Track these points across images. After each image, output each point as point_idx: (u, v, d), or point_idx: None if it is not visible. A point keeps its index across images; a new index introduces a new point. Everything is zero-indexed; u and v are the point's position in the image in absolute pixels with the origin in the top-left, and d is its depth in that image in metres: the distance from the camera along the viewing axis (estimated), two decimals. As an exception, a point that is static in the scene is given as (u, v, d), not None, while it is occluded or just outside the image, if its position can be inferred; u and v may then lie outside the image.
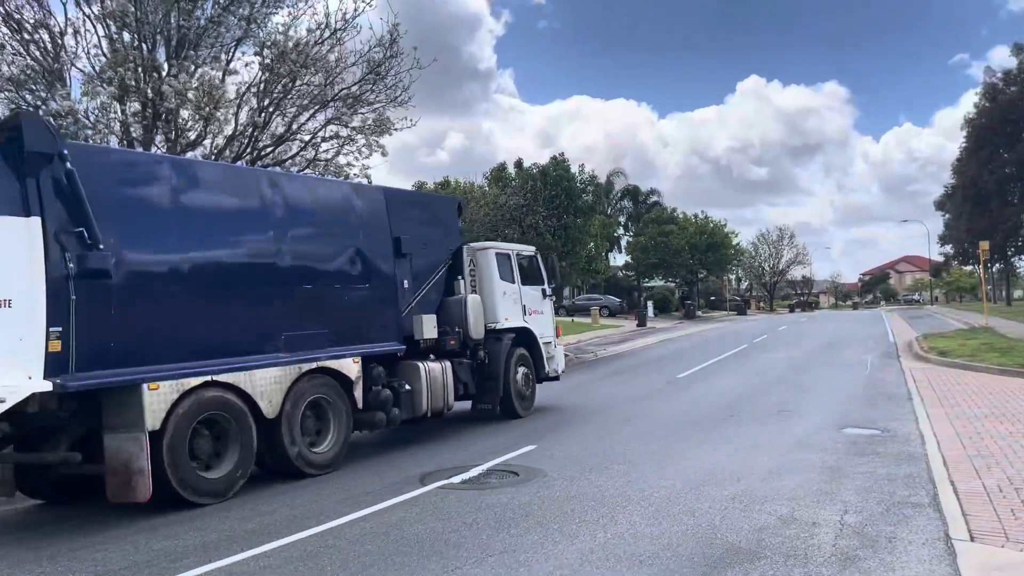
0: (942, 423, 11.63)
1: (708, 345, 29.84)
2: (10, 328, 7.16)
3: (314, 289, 10.20)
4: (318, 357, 10.01)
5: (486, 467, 9.55)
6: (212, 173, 9.84)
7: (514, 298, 14.23)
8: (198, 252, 8.90)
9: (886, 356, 22.98)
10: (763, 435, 11.05)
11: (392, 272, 11.56)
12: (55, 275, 7.45)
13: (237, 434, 8.91)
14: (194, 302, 8.79)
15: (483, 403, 13.43)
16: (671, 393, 16.17)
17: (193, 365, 8.56)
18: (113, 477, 7.94)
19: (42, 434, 8.32)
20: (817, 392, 15.41)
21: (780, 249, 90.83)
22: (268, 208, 9.79)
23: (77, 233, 7.67)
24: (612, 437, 11.35)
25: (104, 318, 7.87)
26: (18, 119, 7.77)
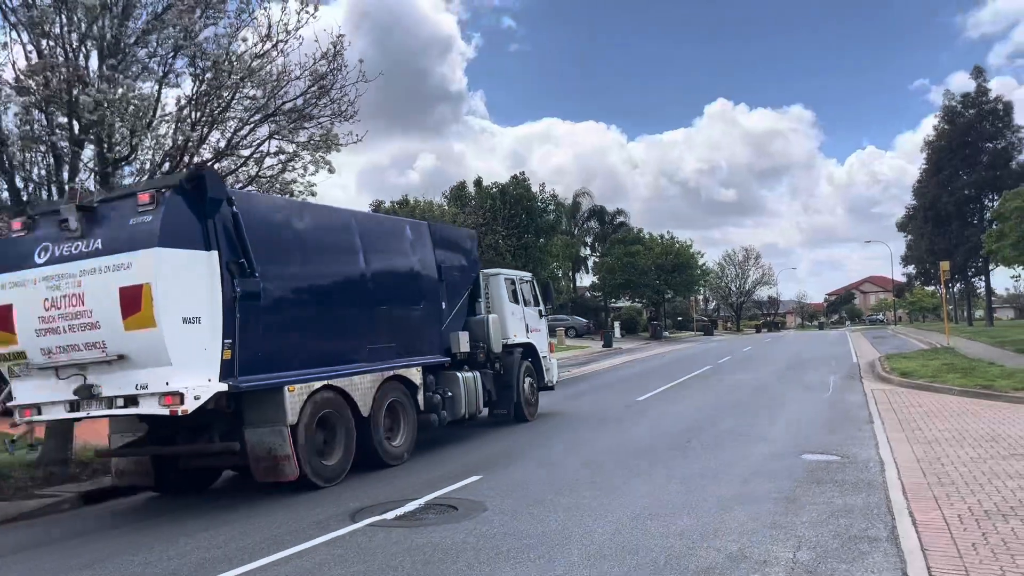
0: (902, 448, 11.28)
1: (672, 366, 29.51)
2: (199, 340, 8.85)
3: (387, 308, 12.09)
4: (395, 366, 11.99)
5: (425, 500, 8.99)
6: (318, 212, 11.63)
7: (519, 317, 16.27)
8: (314, 277, 10.81)
9: (849, 377, 22.75)
10: (719, 462, 10.60)
11: (438, 294, 13.50)
12: (227, 297, 9.12)
13: (343, 429, 10.79)
14: (312, 319, 10.60)
15: (500, 409, 15.36)
16: (629, 417, 15.70)
17: (314, 371, 10.40)
18: (258, 463, 9.75)
19: (186, 429, 10.12)
20: (778, 415, 15.04)
21: (746, 270, 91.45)
22: (355, 240, 11.68)
23: (240, 264, 9.36)
24: (562, 466, 10.84)
25: (256, 332, 9.52)
26: (202, 171, 9.33)
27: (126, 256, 8.66)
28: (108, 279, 8.71)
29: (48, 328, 9.05)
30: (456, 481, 10.03)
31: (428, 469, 11.25)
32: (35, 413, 9.48)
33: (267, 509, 9.33)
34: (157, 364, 8.64)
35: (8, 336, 9.31)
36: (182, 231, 8.91)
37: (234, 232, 9.44)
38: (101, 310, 8.74)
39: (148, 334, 8.53)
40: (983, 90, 61.64)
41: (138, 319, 8.54)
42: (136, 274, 8.58)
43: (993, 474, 9.33)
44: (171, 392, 8.61)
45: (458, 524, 7.85)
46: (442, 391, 13.28)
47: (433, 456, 12.37)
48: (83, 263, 8.92)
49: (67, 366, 9.07)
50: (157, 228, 8.65)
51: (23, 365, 9.33)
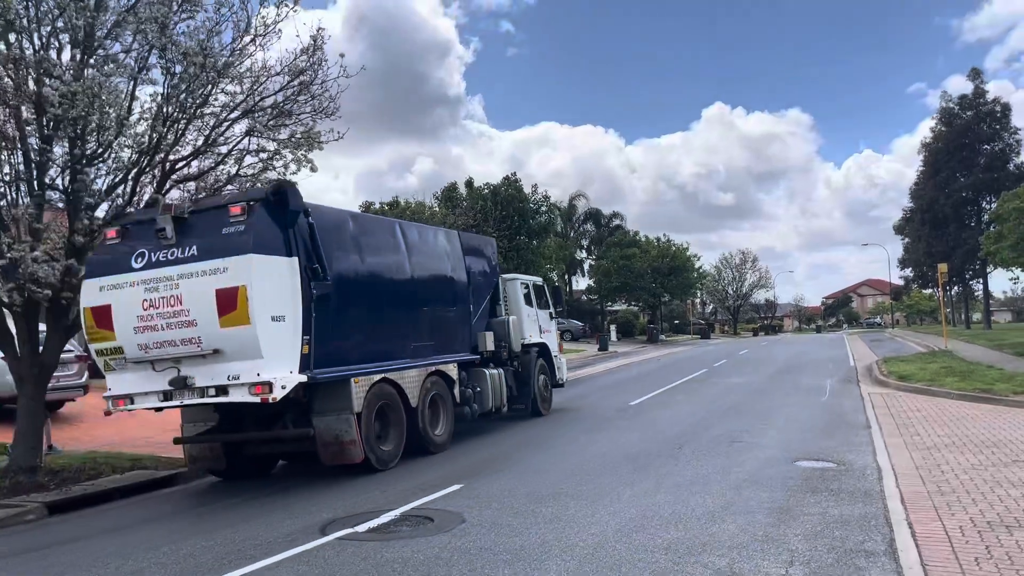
0: (901, 454, 10.90)
1: (667, 370, 29.11)
2: (284, 336, 9.87)
3: (427, 310, 13.19)
4: (436, 362, 13.14)
5: (401, 511, 8.57)
6: (370, 222, 13.21)
7: (533, 319, 17.45)
8: (370, 281, 11.89)
9: (846, 381, 22.38)
10: (711, 470, 10.20)
11: (467, 298, 14.59)
12: (305, 298, 10.15)
13: (396, 418, 11.89)
14: (369, 318, 11.66)
15: (519, 404, 16.36)
16: (622, 422, 15.30)
17: (372, 366, 11.52)
18: (326, 448, 10.80)
19: (261, 418, 11.26)
20: (773, 420, 14.65)
21: (743, 273, 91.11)
22: (400, 246, 12.79)
23: (315, 268, 10.40)
24: (549, 473, 10.43)
25: (327, 330, 10.51)
26: (284, 186, 10.41)
27: (222, 261, 9.68)
28: (205, 282, 9.70)
29: (146, 326, 10.01)
30: (437, 490, 9.62)
31: (411, 476, 10.85)
32: (128, 403, 10.42)
33: (243, 517, 8.96)
34: (249, 357, 9.63)
35: (107, 333, 10.29)
36: (269, 239, 9.97)
37: (309, 240, 10.50)
38: (198, 309, 9.72)
39: (243, 331, 9.55)
40: (980, 92, 61.45)
41: (233, 317, 9.55)
42: (232, 277, 9.58)
43: (995, 482, 8.95)
44: (262, 382, 9.61)
45: (432, 538, 7.44)
46: (472, 386, 14.38)
47: (418, 462, 11.96)
48: (180, 268, 9.92)
49: (162, 360, 10.02)
50: (251, 237, 9.74)
51: (120, 359, 10.29)
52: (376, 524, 8.06)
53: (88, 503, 10.73)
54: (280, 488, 10.95)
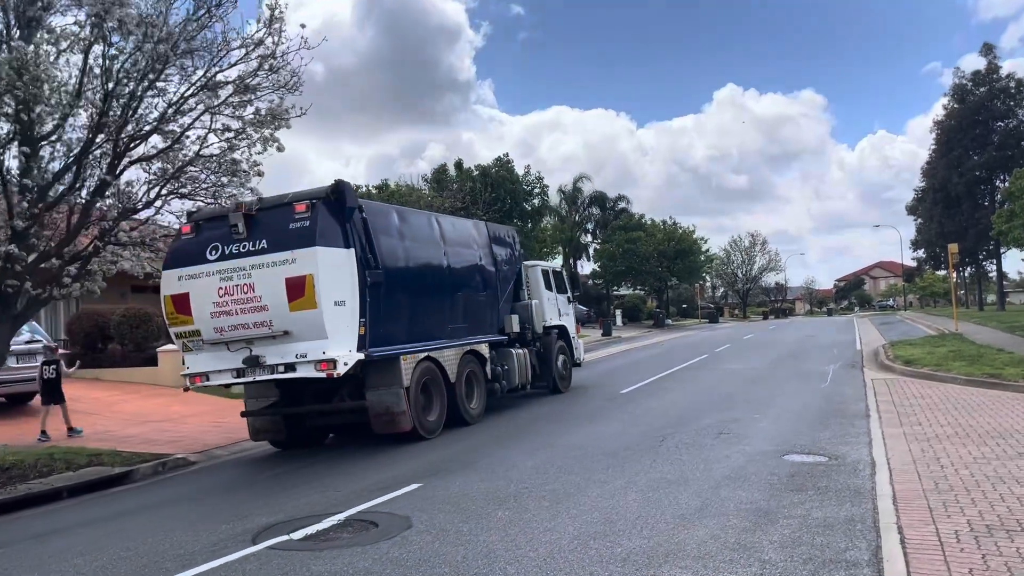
0: (898, 446, 10.18)
1: (667, 356, 28.37)
2: (344, 319, 11.00)
3: (461, 295, 14.40)
4: (470, 342, 14.43)
5: (348, 514, 7.91)
6: (411, 215, 14.26)
7: (553, 303, 18.63)
8: (414, 269, 13.02)
9: (850, 366, 21.58)
10: (692, 465, 9.50)
11: (495, 283, 15.83)
12: (361, 285, 11.30)
13: (438, 392, 13.13)
14: (413, 302, 12.79)
15: (541, 382, 17.58)
16: (608, 412, 14.59)
17: (417, 345, 12.65)
18: (378, 418, 11.98)
19: (318, 393, 12.58)
20: (767, 409, 13.91)
21: (752, 255, 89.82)
22: (437, 237, 14.03)
23: (368, 258, 11.55)
24: (517, 469, 9.75)
25: (379, 313, 11.63)
26: (342, 185, 11.52)
27: (290, 253, 10.80)
28: (275, 271, 10.82)
29: (222, 311, 11.14)
30: (393, 490, 8.96)
31: (373, 472, 10.22)
32: (204, 380, 11.60)
33: (183, 520, 8.33)
34: (316, 338, 10.75)
35: (186, 318, 11.43)
36: (330, 233, 11.04)
37: (363, 233, 11.61)
38: (269, 296, 10.83)
39: (310, 314, 10.66)
40: (994, 68, 59.94)
41: (302, 303, 10.66)
42: (300, 267, 10.69)
43: (998, 478, 8.22)
44: (327, 359, 10.73)
45: (370, 547, 6.76)
46: (501, 364, 15.68)
47: (386, 456, 11.36)
48: (252, 259, 11.04)
49: (236, 341, 11.15)
50: (315, 231, 10.83)
51: (197, 341, 11.44)
52: (315, 530, 7.40)
53: (33, 503, 10.16)
54: (245, 483, 10.38)
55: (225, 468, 12.15)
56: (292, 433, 13.04)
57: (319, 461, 11.74)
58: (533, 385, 17.34)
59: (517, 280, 17.42)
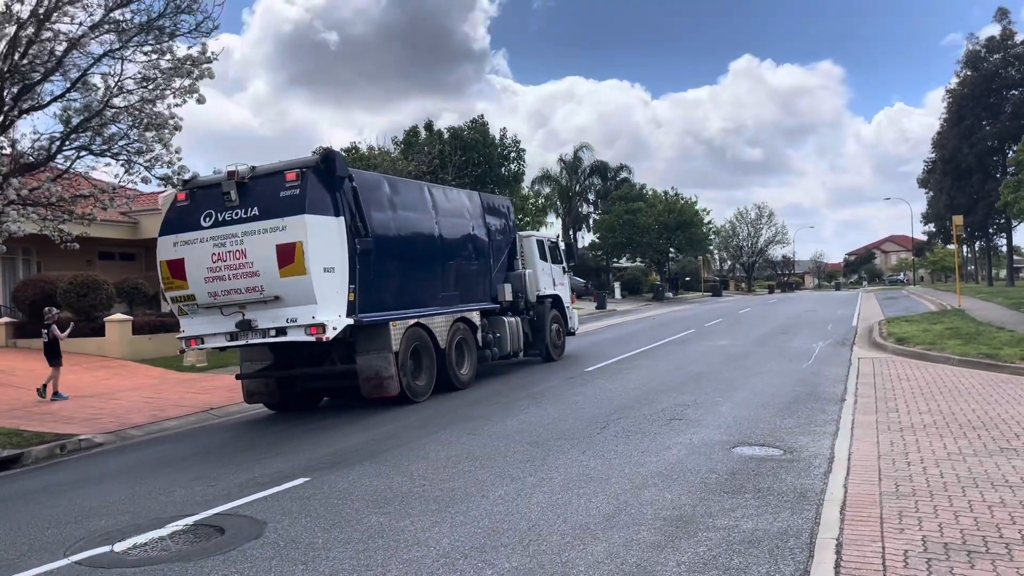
0: (867, 437, 9.01)
1: (653, 331, 27.15)
2: (334, 285, 11.29)
3: (453, 263, 14.70)
4: (461, 310, 14.74)
5: (197, 518, 6.79)
6: (403, 185, 14.51)
7: (548, 273, 18.90)
8: (404, 237, 13.27)
9: (840, 344, 20.33)
10: (624, 458, 8.35)
11: (488, 252, 16.13)
12: (350, 252, 11.60)
13: (428, 358, 13.44)
14: (404, 270, 13.09)
15: (533, 350, 17.98)
16: (560, 393, 13.44)
17: (406, 312, 12.99)
18: (367, 382, 12.30)
19: (305, 358, 12.81)
20: (735, 391, 12.73)
21: (759, 228, 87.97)
22: (429, 207, 14.29)
23: (357, 227, 11.83)
24: (423, 462, 8.61)
25: (369, 280, 11.96)
26: (332, 154, 11.81)
27: (281, 220, 11.06)
28: (266, 238, 11.09)
29: (215, 276, 11.44)
30: (276, 484, 7.87)
31: (278, 458, 9.16)
32: (199, 343, 11.94)
33: (9, 523, 7.21)
34: (305, 303, 11.06)
35: (181, 283, 11.73)
36: (320, 201, 11.31)
37: (353, 202, 11.88)
38: (260, 262, 11.11)
39: (300, 280, 10.97)
40: (1009, 33, 57.68)
41: (292, 269, 10.93)
42: (290, 234, 10.96)
43: (971, 480, 7.06)
44: (316, 324, 11.05)
45: (194, 563, 5.63)
46: (493, 332, 16.00)
47: (319, 435, 10.45)
48: (244, 226, 11.32)
49: (229, 305, 11.45)
50: (305, 199, 11.10)
51: (192, 305, 11.74)
52: (148, 539, 6.27)
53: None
54: (129, 472, 9.30)
55: (127, 452, 11.08)
56: (285, 396, 13.34)
57: (245, 439, 10.89)
58: (526, 353, 17.74)
59: (511, 250, 17.65)
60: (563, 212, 65.08)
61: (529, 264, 18.26)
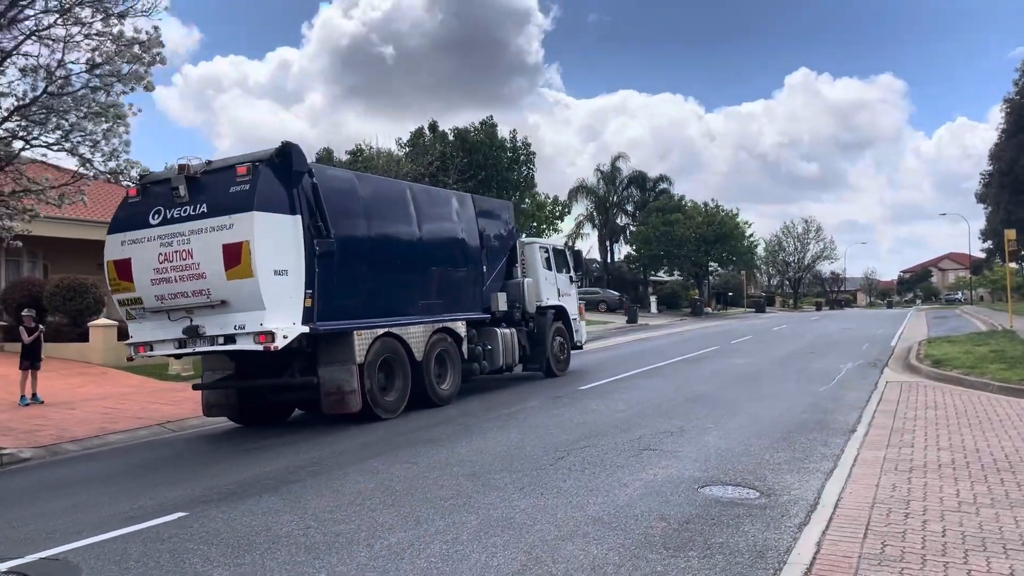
0: (866, 479, 7.61)
1: (674, 347, 25.64)
2: (286, 289, 10.40)
3: (437, 269, 13.66)
4: (443, 319, 13.65)
5: (22, 561, 5.70)
6: (379, 184, 13.70)
7: (552, 282, 17.72)
8: (377, 240, 12.26)
9: (871, 365, 18.64)
10: (567, 497, 7.07)
11: (479, 259, 15.02)
12: (308, 254, 10.64)
13: (400, 370, 12.42)
14: (375, 275, 12.09)
15: (533, 364, 16.80)
16: (536, 414, 12.16)
17: (377, 321, 11.99)
18: (328, 396, 11.29)
19: (267, 367, 11.68)
20: (732, 417, 11.32)
21: (806, 242, 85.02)
22: (410, 208, 13.22)
23: (317, 226, 10.86)
24: (325, 499, 7.42)
25: (330, 285, 11.01)
26: (289, 147, 10.77)
27: (228, 218, 10.15)
28: (213, 237, 10.20)
29: (162, 278, 10.59)
30: (143, 519, 6.81)
31: (168, 487, 8.07)
32: (148, 350, 11.10)
33: None
34: (253, 308, 10.16)
35: (128, 285, 10.93)
36: (273, 198, 10.43)
37: (313, 199, 10.95)
38: (207, 263, 10.24)
39: (247, 283, 10.06)
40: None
41: (238, 271, 10.04)
42: (237, 233, 10.05)
43: (979, 540, 5.69)
44: (265, 331, 10.14)
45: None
46: (483, 344, 14.97)
47: (229, 460, 9.30)
48: (191, 224, 10.46)
49: (177, 309, 10.60)
50: (254, 195, 10.19)
51: (140, 309, 10.93)
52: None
53: None
54: (12, 499, 8.32)
55: (43, 469, 10.15)
56: (247, 409, 12.49)
57: (171, 459, 9.93)
58: (526, 367, 16.83)
59: (511, 257, 16.70)
60: (600, 223, 63.66)
61: (530, 272, 17.18)
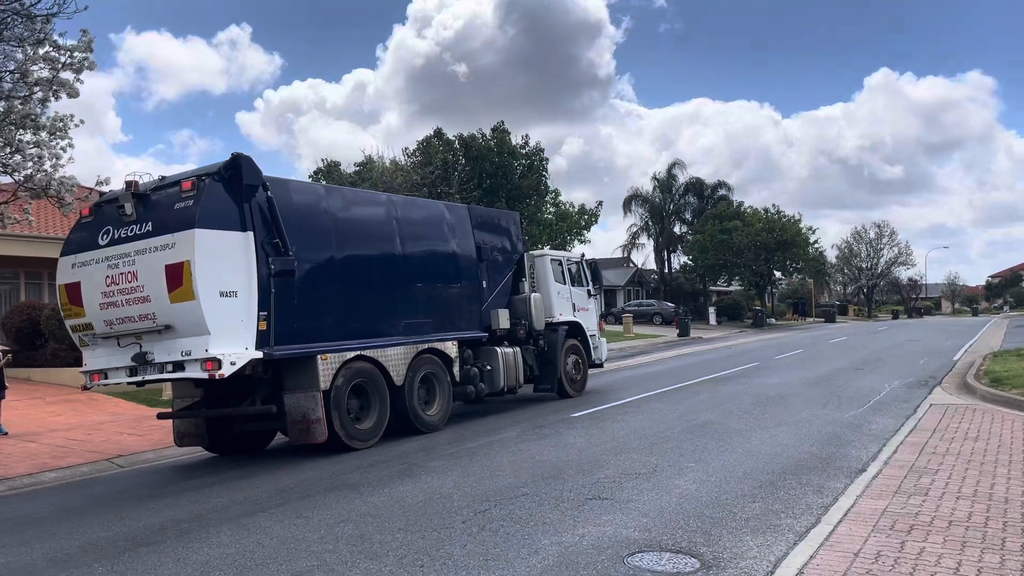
0: (846, 544, 6.10)
1: (711, 364, 23.83)
2: (235, 312, 9.73)
3: (423, 287, 12.77)
4: (429, 340, 12.64)
5: None
6: (353, 197, 12.81)
7: (566, 297, 16.55)
8: (348, 257, 11.46)
9: (920, 384, 16.61)
10: (456, 568, 5.74)
11: (476, 274, 14.12)
12: (262, 274, 9.99)
13: (376, 396, 11.55)
14: (346, 295, 11.33)
15: (544, 384, 15.68)
16: (498, 448, 10.78)
17: (347, 343, 11.16)
18: (294, 426, 10.57)
19: (236, 395, 10.89)
20: (722, 453, 9.74)
21: (879, 248, 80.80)
22: (390, 222, 12.39)
23: (274, 243, 10.21)
24: (176, 566, 6.25)
25: (290, 306, 10.38)
26: (238, 159, 10.08)
27: (171, 237, 9.50)
28: (156, 257, 9.58)
29: (109, 302, 9.99)
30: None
31: (13, 550, 6.98)
32: (102, 378, 10.46)
33: None
34: (198, 333, 9.46)
35: (78, 310, 10.39)
36: (219, 214, 9.71)
37: (268, 214, 10.23)
38: (151, 285, 9.61)
39: (189, 306, 9.36)
40: None
41: (181, 293, 9.37)
42: (178, 252, 9.39)
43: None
44: (210, 358, 9.40)
45: None
46: (480, 365, 13.92)
47: (115, 511, 8.21)
48: (136, 244, 9.82)
49: (126, 335, 9.99)
50: (196, 211, 9.49)
51: (91, 335, 10.37)
52: None
53: None
54: None
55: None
56: (217, 438, 11.74)
57: (73, 505, 8.84)
58: (536, 388, 15.76)
59: (517, 271, 15.63)
60: (655, 233, 61.62)
61: (540, 287, 16.03)
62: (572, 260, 17.70)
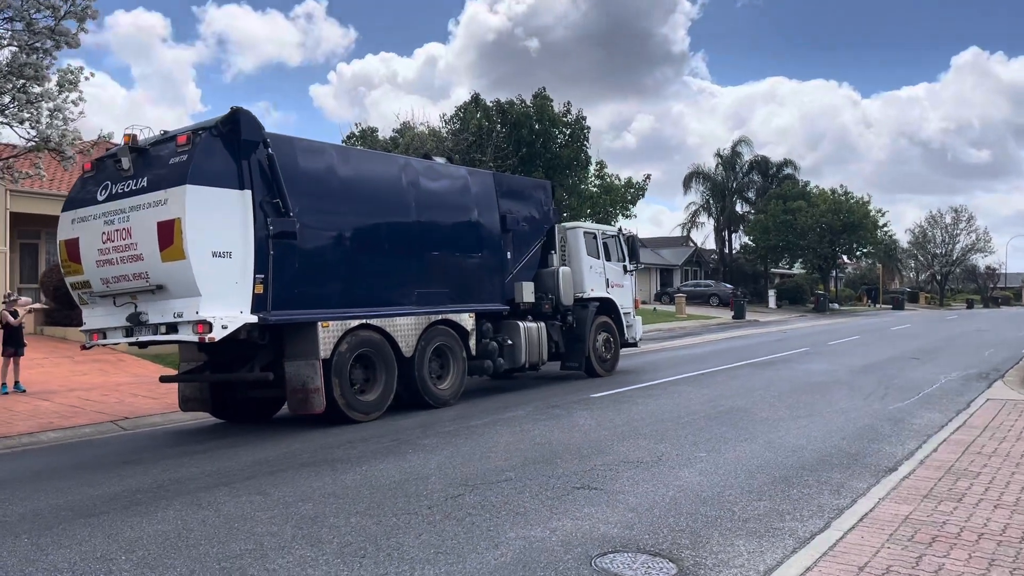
0: (853, 556, 5.38)
1: (758, 348, 22.75)
2: (229, 274, 9.33)
3: (439, 255, 12.25)
4: (442, 311, 12.15)
5: None
6: (366, 158, 12.63)
7: (598, 272, 15.89)
8: (356, 221, 11.01)
9: (980, 376, 15.37)
10: (401, 561, 5.18)
11: (499, 244, 13.54)
12: (259, 235, 9.58)
13: (383, 367, 11.10)
14: (353, 260, 10.88)
15: (571, 362, 15.16)
16: (503, 427, 10.17)
17: (352, 311, 10.75)
18: (293, 395, 10.14)
19: (240, 360, 10.55)
20: (739, 443, 8.94)
21: (954, 234, 77.04)
22: (405, 187, 11.86)
23: (274, 203, 9.77)
24: (107, 541, 5.83)
25: (291, 270, 9.97)
26: (237, 114, 9.66)
27: (163, 193, 9.18)
28: (149, 214, 9.25)
29: (105, 260, 9.72)
30: None
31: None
32: (101, 337, 10.22)
33: None
34: (189, 294, 9.14)
35: (77, 267, 10.13)
36: (215, 170, 9.33)
37: (269, 172, 9.79)
38: (144, 243, 9.30)
39: (180, 265, 9.02)
40: None
41: (171, 251, 9.04)
42: (170, 209, 9.07)
43: None
44: (201, 320, 9.07)
45: None
46: (501, 339, 13.41)
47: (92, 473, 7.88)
48: (131, 200, 9.53)
49: (121, 294, 9.72)
50: (188, 167, 9.14)
51: (89, 293, 10.15)
52: None
53: None
54: None
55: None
56: (221, 404, 11.49)
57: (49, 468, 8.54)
58: (564, 365, 15.23)
59: (547, 243, 15.01)
60: (716, 211, 59.85)
61: (572, 260, 15.35)
62: (608, 234, 16.95)
